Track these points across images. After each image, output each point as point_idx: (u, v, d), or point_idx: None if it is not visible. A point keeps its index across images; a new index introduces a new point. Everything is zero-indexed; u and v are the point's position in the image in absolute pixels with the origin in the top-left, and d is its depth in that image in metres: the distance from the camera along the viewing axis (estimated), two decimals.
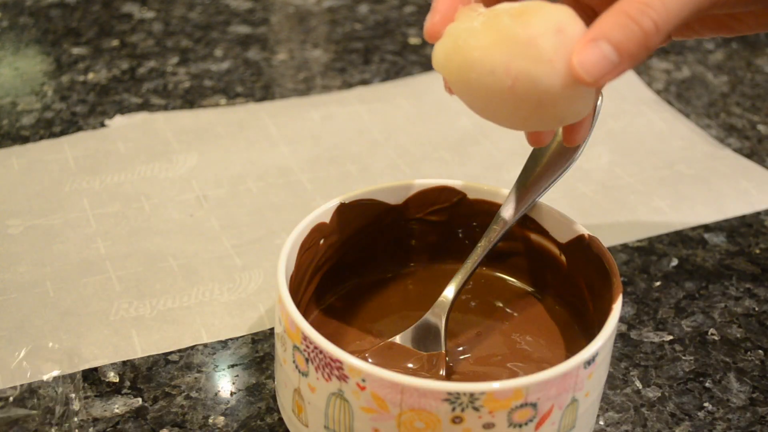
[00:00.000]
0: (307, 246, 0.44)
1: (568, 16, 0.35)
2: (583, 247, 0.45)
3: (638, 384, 0.48)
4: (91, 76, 0.75)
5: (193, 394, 0.46)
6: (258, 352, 0.49)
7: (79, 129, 0.68)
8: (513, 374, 0.43)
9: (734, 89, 0.78)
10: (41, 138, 0.66)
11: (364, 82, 0.76)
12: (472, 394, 0.35)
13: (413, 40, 0.84)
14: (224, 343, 0.50)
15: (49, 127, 0.68)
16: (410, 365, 0.43)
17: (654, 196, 0.63)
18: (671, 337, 0.52)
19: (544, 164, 0.47)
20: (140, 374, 0.47)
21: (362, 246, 0.48)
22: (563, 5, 0.36)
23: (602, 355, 0.39)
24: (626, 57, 0.35)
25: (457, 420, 0.36)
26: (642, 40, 0.35)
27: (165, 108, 0.71)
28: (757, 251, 0.59)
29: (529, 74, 0.35)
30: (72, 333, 0.49)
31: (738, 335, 0.52)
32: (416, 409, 0.36)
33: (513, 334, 0.46)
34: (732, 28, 0.46)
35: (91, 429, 0.44)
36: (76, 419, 0.44)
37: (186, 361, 0.48)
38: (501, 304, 0.48)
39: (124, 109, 0.71)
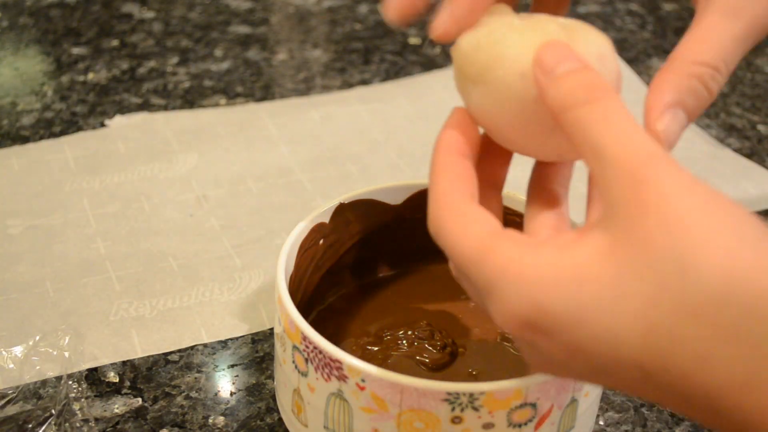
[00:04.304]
0: (307, 246, 0.44)
1: (609, 47, 0.34)
2: None
3: None
4: (91, 76, 0.75)
5: (193, 394, 0.47)
6: (258, 352, 0.49)
7: (79, 129, 0.68)
8: (512, 374, 0.43)
9: (734, 89, 0.78)
10: (41, 138, 0.66)
11: (364, 82, 0.76)
12: (471, 394, 0.35)
13: (413, 40, 0.84)
14: (224, 343, 0.50)
15: (49, 127, 0.68)
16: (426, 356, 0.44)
17: None
18: None
19: None
20: (140, 374, 0.47)
21: (362, 246, 0.48)
22: (603, 34, 0.35)
23: None
24: (691, 120, 0.35)
25: (456, 420, 0.36)
26: (707, 105, 0.35)
27: (165, 108, 0.71)
28: None
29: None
30: (72, 333, 0.49)
31: None
32: (416, 409, 0.36)
33: None
34: None
35: (91, 429, 0.44)
36: (76, 419, 0.44)
37: (186, 361, 0.48)
38: None
39: (124, 109, 0.71)
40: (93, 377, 0.47)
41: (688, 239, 0.26)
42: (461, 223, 0.31)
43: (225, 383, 0.47)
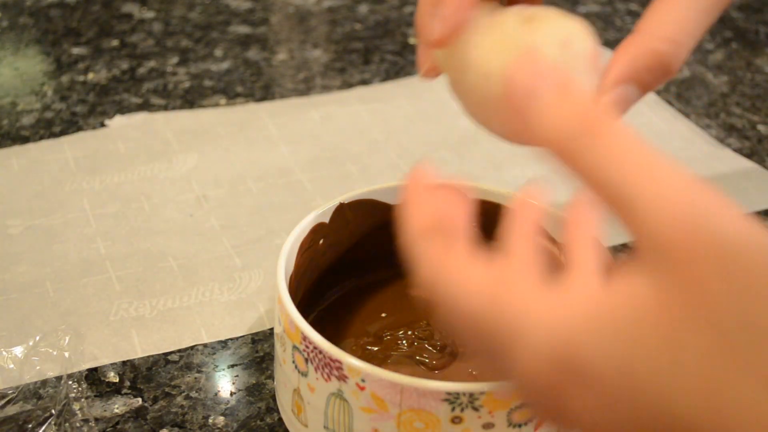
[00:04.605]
0: (307, 246, 0.44)
1: (578, 30, 0.34)
2: None
3: None
4: (91, 76, 0.75)
5: (193, 394, 0.47)
6: (258, 352, 0.49)
7: (79, 129, 0.68)
8: None
9: (734, 89, 0.78)
10: (41, 138, 0.66)
11: (364, 82, 0.76)
12: (471, 394, 0.35)
13: (413, 40, 0.84)
14: (224, 343, 0.50)
15: (49, 127, 0.68)
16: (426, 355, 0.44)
17: None
18: None
19: None
20: (140, 374, 0.47)
21: (362, 246, 0.48)
22: (577, 18, 0.34)
23: None
24: (645, 93, 0.34)
25: (456, 420, 0.36)
26: (666, 80, 0.34)
27: (165, 108, 0.71)
28: None
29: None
30: (72, 333, 0.49)
31: None
32: (416, 409, 0.36)
33: None
34: None
35: (91, 429, 0.44)
36: (76, 419, 0.44)
37: (186, 361, 0.48)
38: None
39: (124, 109, 0.71)
40: (93, 377, 0.47)
41: (752, 291, 0.23)
42: (462, 271, 0.28)
43: (225, 383, 0.47)
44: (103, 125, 0.68)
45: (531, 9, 0.34)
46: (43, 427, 0.43)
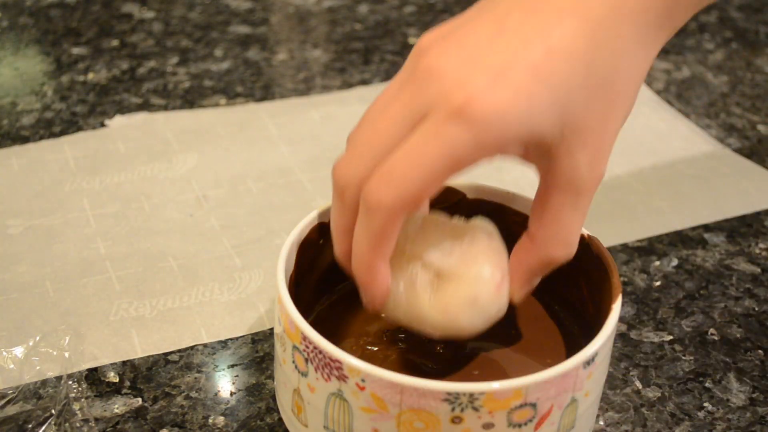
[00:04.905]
0: (307, 246, 0.44)
1: (482, 276, 0.39)
2: (582, 247, 0.45)
3: (638, 384, 0.48)
4: (91, 76, 0.75)
5: (193, 394, 0.47)
6: (258, 352, 0.49)
7: (79, 129, 0.68)
8: (512, 374, 0.43)
9: (734, 89, 0.78)
10: (41, 138, 0.66)
11: (364, 82, 0.76)
12: (471, 395, 0.35)
13: (413, 40, 0.84)
14: (224, 343, 0.50)
15: (49, 127, 0.68)
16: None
17: (654, 196, 0.63)
18: (671, 337, 0.52)
19: None
20: (140, 374, 0.47)
21: None
22: (483, 248, 0.39)
23: (602, 355, 0.39)
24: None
25: (456, 420, 0.36)
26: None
27: (165, 108, 0.71)
28: (757, 251, 0.59)
29: (451, 337, 0.40)
30: (72, 333, 0.49)
31: (738, 335, 0.52)
32: (416, 409, 0.36)
33: (512, 334, 0.46)
34: None
35: (91, 429, 0.44)
36: (76, 419, 0.44)
37: (186, 361, 0.48)
38: None
39: (124, 109, 0.71)
40: (93, 377, 0.47)
41: None
42: None
43: (225, 383, 0.47)
44: (103, 125, 0.68)
45: (438, 261, 0.39)
46: (43, 427, 0.44)
